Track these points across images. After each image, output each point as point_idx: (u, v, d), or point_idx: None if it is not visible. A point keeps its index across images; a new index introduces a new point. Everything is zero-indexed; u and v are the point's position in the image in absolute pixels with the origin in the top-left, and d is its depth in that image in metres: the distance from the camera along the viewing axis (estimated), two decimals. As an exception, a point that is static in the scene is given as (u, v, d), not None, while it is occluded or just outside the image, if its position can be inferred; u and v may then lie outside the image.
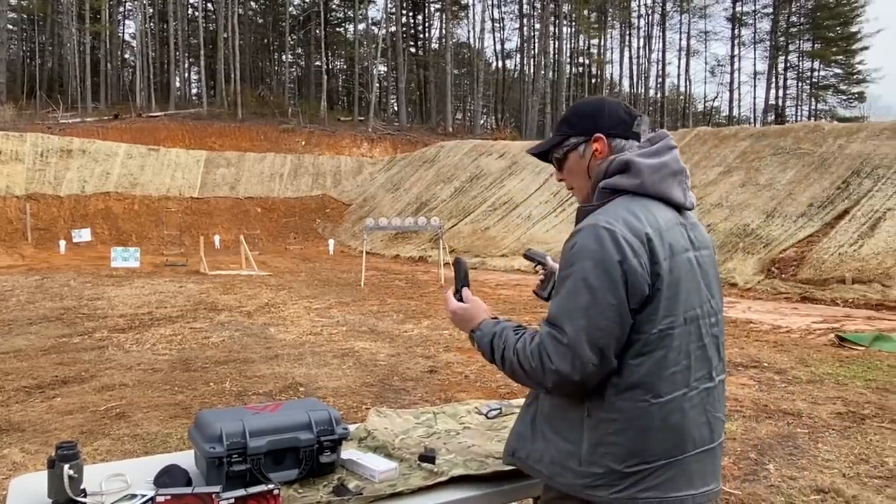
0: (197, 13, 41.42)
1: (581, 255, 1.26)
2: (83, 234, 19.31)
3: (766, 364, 5.79)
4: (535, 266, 1.84)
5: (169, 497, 1.32)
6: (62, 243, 18.81)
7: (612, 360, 1.26)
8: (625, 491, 1.27)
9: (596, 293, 1.24)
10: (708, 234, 1.47)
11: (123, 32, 44.65)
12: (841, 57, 43.52)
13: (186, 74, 44.53)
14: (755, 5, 47.23)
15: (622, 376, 1.28)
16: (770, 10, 44.15)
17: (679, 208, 1.39)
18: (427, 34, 48.21)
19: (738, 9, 45.79)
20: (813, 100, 45.14)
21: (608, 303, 1.24)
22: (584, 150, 1.43)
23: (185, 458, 1.62)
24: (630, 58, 47.86)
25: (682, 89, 50.97)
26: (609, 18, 46.65)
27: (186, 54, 42.21)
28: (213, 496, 1.33)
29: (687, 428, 1.31)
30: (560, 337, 1.26)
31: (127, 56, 45.06)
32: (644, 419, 1.27)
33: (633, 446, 1.27)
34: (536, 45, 43.16)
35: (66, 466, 1.38)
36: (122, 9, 43.21)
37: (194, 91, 44.36)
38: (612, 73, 49.54)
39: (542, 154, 1.51)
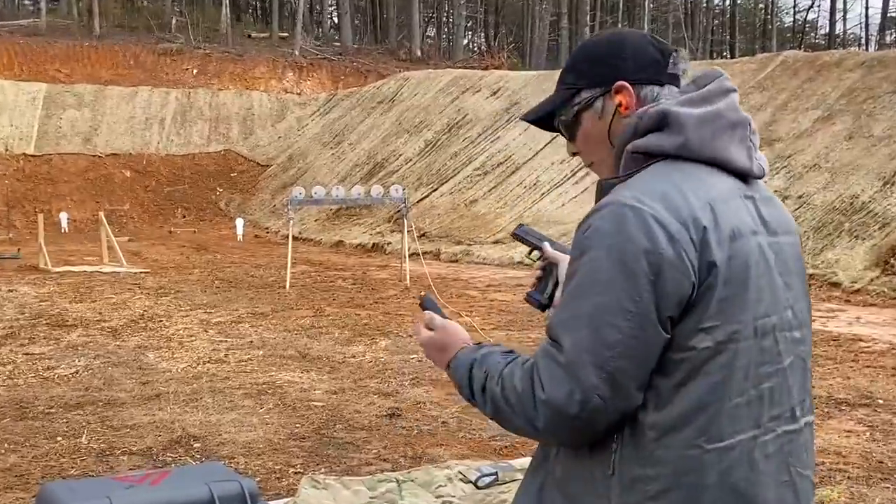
0: None
1: (593, 243, 1.30)
2: None
3: (881, 401, 5.91)
4: (529, 253, 1.84)
5: None
6: None
7: (630, 392, 1.29)
8: None
9: (606, 294, 1.28)
10: (789, 215, 1.51)
11: None
12: None
13: (14, -34, 43.48)
14: None
15: (661, 411, 1.31)
16: None
17: (743, 176, 1.43)
18: None
19: None
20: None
21: (623, 309, 1.27)
22: (602, 106, 1.48)
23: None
24: (685, -53, 48.17)
25: (761, -5, 51.53)
26: None
27: (13, -65, 41.25)
28: None
29: (759, 489, 1.33)
30: (556, 354, 1.30)
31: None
32: (696, 474, 1.29)
33: None
34: (547, -74, 43.16)
35: None
36: None
37: (26, -9, 43.42)
38: (658, -30, 49.79)
39: (544, 119, 1.56)
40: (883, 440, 5.06)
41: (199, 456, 4.78)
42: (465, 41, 44.67)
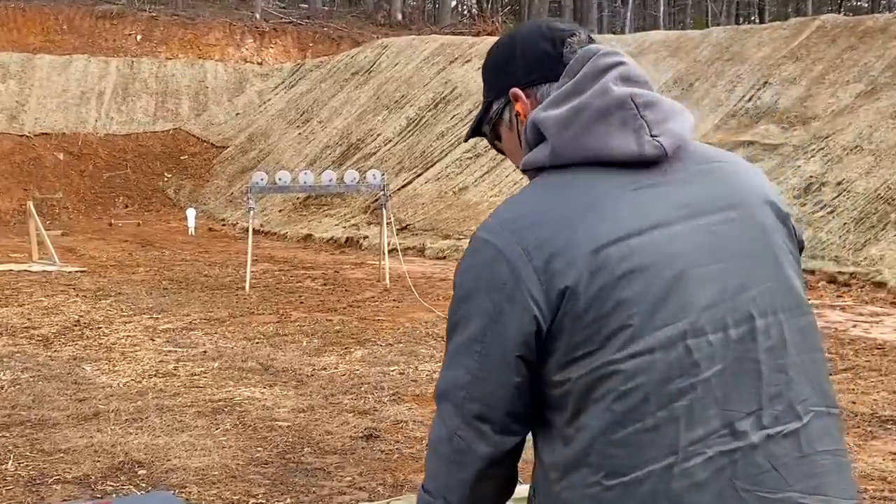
0: None
1: (456, 280, 1.43)
2: None
3: (932, 418, 5.94)
4: None
5: None
6: None
7: (489, 434, 1.40)
8: None
9: (459, 333, 1.41)
10: (744, 183, 1.45)
11: None
12: None
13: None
14: None
15: (558, 450, 1.37)
16: None
17: (643, 163, 1.39)
18: None
19: None
20: None
21: (470, 349, 1.40)
22: (509, 117, 1.57)
23: None
24: None
25: (794, -49, 51.67)
26: None
27: None
28: None
29: None
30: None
31: None
32: None
33: None
34: None
35: None
36: None
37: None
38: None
39: (479, 134, 1.66)
40: (935, 463, 5.07)
41: (144, 485, 4.76)
42: (454, 3, 44.64)
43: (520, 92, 1.52)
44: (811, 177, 13.53)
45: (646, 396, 1.30)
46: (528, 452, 1.42)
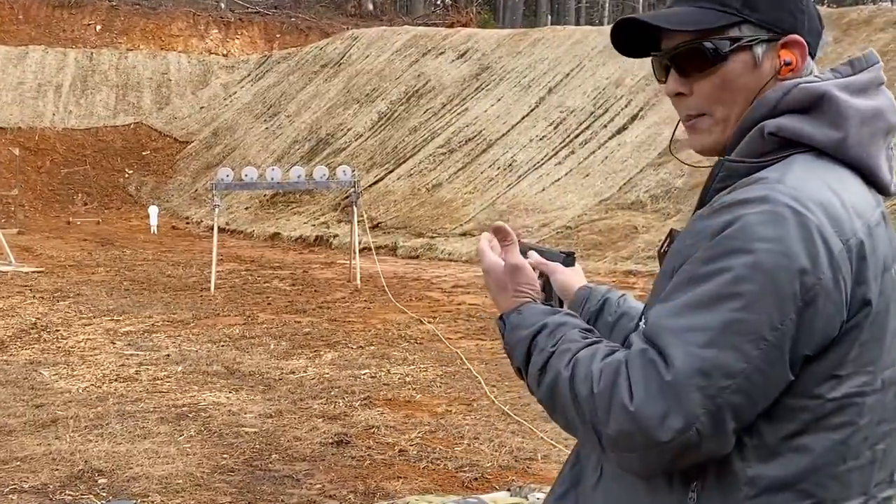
0: None
1: (741, 244, 1.26)
2: None
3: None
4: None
5: None
6: None
7: (729, 434, 1.27)
8: None
9: (744, 312, 1.24)
10: None
11: None
12: None
13: None
14: None
15: (765, 465, 1.30)
16: None
17: (881, 189, 1.40)
18: None
19: None
20: None
21: (758, 334, 1.24)
22: (762, 54, 1.40)
23: None
24: None
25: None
26: None
27: None
28: None
29: None
30: (660, 366, 1.26)
31: None
32: None
33: None
34: None
35: None
36: None
37: None
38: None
39: (644, 40, 1.46)
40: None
41: (105, 494, 4.73)
42: (426, -7, 44.57)
43: (804, 42, 1.40)
44: (793, 173, 13.65)
45: (866, 435, 1.30)
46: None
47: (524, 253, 1.74)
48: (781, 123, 1.34)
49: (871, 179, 1.37)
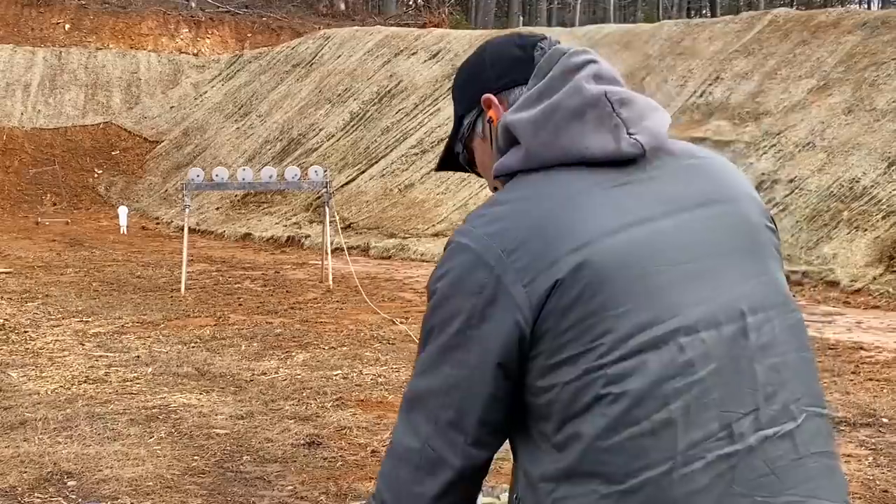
0: None
1: (433, 282, 1.41)
2: None
3: (886, 420, 6.05)
4: None
5: None
6: None
7: (462, 447, 1.39)
8: None
9: (436, 338, 1.39)
10: (724, 180, 1.48)
11: None
12: None
13: None
14: None
15: (547, 460, 1.35)
16: None
17: (621, 161, 1.40)
18: None
19: None
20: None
21: (446, 355, 1.38)
22: (481, 127, 1.56)
23: None
24: None
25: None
26: None
27: None
28: None
29: None
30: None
31: None
32: None
33: None
34: None
35: None
36: None
37: None
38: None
39: (451, 162, 1.66)
40: (888, 465, 5.19)
41: (74, 496, 4.71)
42: (398, -7, 44.51)
43: (492, 97, 1.52)
44: (763, 174, 13.75)
45: (639, 399, 1.28)
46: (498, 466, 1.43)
47: None
48: (499, 166, 1.46)
49: (590, 162, 1.40)
